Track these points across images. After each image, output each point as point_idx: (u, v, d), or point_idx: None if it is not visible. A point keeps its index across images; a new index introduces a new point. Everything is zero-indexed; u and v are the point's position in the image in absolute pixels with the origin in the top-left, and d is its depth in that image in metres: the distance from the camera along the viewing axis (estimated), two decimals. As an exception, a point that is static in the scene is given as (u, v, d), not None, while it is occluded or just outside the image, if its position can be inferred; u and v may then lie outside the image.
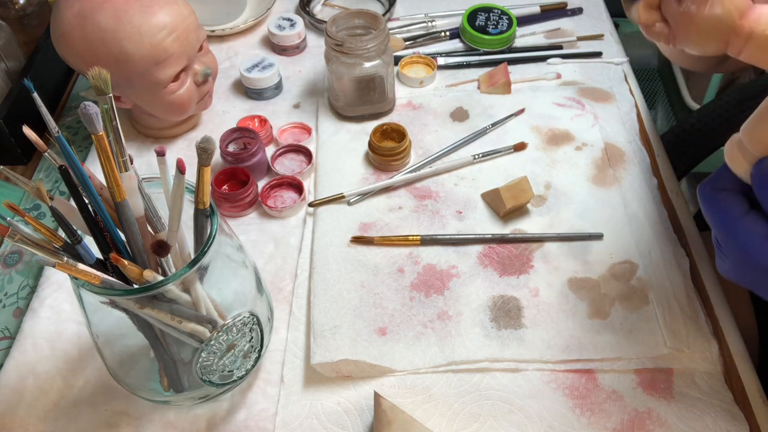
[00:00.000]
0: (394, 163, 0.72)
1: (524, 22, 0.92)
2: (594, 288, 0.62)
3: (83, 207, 0.43)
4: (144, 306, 0.44)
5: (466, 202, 0.70)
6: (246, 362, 0.52)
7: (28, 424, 0.56)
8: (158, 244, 0.43)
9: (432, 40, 0.90)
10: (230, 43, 0.92)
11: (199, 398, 0.53)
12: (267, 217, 0.71)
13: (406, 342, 0.59)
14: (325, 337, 0.58)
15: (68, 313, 0.63)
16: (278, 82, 0.83)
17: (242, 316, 0.49)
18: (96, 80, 0.42)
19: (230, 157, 0.71)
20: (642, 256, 0.64)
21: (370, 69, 0.75)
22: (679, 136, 0.94)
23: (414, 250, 0.66)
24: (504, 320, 0.60)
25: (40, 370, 0.59)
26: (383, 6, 0.95)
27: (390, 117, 0.79)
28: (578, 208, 0.68)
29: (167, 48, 0.68)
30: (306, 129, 0.79)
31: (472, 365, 0.57)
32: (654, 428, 0.53)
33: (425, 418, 0.54)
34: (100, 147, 0.42)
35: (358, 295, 0.62)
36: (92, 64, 0.44)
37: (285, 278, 0.65)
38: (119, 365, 0.51)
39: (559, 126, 0.76)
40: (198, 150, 0.43)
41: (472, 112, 0.79)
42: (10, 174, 0.43)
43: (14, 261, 0.69)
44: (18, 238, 0.39)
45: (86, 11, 0.66)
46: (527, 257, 0.65)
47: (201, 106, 0.77)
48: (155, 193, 0.47)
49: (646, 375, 0.56)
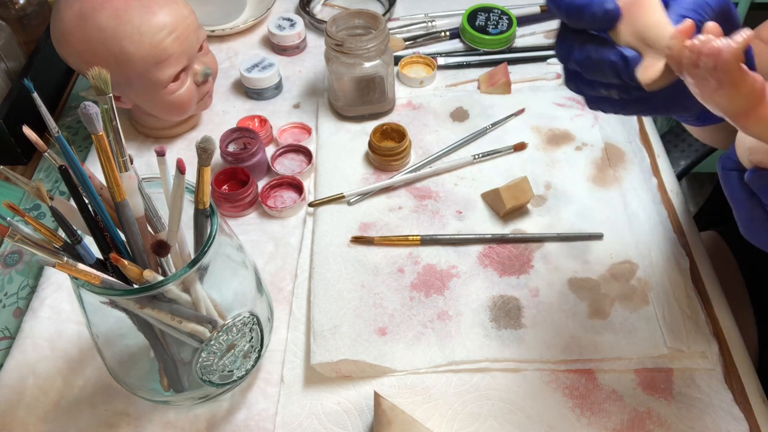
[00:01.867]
0: (394, 163, 0.72)
1: (524, 22, 0.91)
2: (594, 288, 0.62)
3: (83, 207, 0.43)
4: (144, 306, 0.44)
5: (466, 202, 0.70)
6: (246, 362, 0.52)
7: (28, 424, 0.56)
8: (158, 244, 0.43)
9: (432, 40, 0.90)
10: (230, 43, 0.92)
11: (199, 398, 0.53)
12: (267, 217, 0.71)
13: (406, 342, 0.59)
14: (325, 337, 0.58)
15: (68, 313, 0.63)
16: (278, 82, 0.83)
17: (242, 316, 0.49)
18: (96, 80, 0.42)
19: (230, 157, 0.71)
20: (642, 256, 0.64)
21: (370, 69, 0.75)
22: (679, 136, 0.94)
23: (414, 250, 0.66)
24: (504, 320, 0.60)
25: (40, 370, 0.59)
26: (383, 6, 0.95)
27: (390, 117, 0.79)
28: (578, 208, 0.68)
29: (167, 48, 0.68)
30: (306, 129, 0.79)
31: (472, 365, 0.57)
32: (654, 428, 0.53)
33: (425, 418, 0.54)
34: (100, 147, 0.42)
35: (358, 295, 0.62)
36: (92, 64, 0.44)
37: (285, 278, 0.65)
38: (119, 365, 0.51)
39: (559, 126, 0.76)
40: (198, 150, 0.43)
41: (472, 112, 0.79)
42: (10, 174, 0.43)
43: (14, 261, 0.69)
44: (18, 238, 0.39)
45: (86, 11, 0.66)
46: (527, 257, 0.65)
47: (201, 106, 0.77)
48: (155, 193, 0.47)
49: (646, 375, 0.56)
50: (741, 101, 0.35)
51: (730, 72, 0.33)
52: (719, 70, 0.33)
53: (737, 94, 0.34)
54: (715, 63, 0.34)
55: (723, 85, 0.34)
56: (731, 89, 0.34)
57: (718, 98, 0.35)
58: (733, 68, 0.33)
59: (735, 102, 0.35)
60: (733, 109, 0.35)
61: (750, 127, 0.36)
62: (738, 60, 0.33)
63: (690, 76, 0.35)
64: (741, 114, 0.35)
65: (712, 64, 0.34)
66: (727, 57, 0.33)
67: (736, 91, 0.34)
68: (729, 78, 0.33)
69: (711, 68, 0.34)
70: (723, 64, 0.33)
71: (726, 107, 0.35)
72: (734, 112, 0.35)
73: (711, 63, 0.34)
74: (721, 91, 0.34)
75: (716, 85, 0.34)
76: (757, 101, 0.35)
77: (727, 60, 0.33)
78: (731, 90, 0.34)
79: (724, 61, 0.33)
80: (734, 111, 0.35)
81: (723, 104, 0.35)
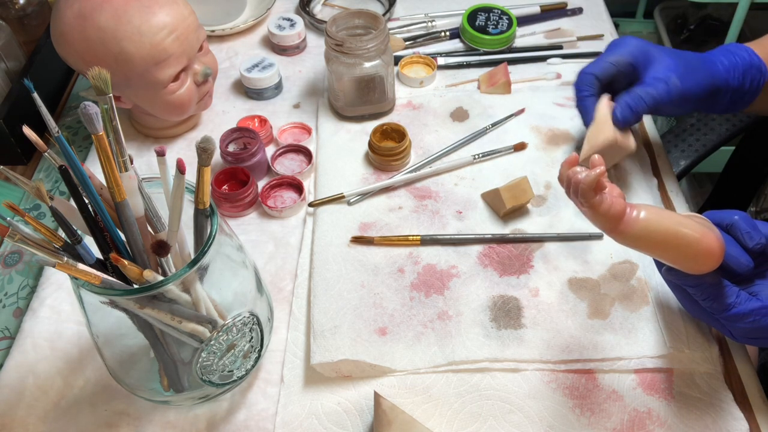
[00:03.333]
0: (394, 163, 0.72)
1: (524, 22, 0.92)
2: (594, 288, 0.62)
3: (83, 207, 0.43)
4: (144, 306, 0.44)
5: (466, 202, 0.70)
6: (246, 362, 0.52)
7: (28, 424, 0.56)
8: (158, 244, 0.43)
9: (432, 40, 0.90)
10: (230, 43, 0.92)
11: (199, 398, 0.53)
12: (267, 217, 0.71)
13: (406, 342, 0.59)
14: (325, 337, 0.58)
15: (68, 313, 0.63)
16: (278, 82, 0.83)
17: (242, 316, 0.49)
18: (96, 80, 0.42)
19: (230, 157, 0.71)
20: (642, 256, 0.64)
21: (370, 69, 0.75)
22: (679, 136, 0.94)
23: (414, 250, 0.66)
24: (504, 320, 0.60)
25: (40, 370, 0.59)
26: (383, 6, 0.95)
27: (390, 117, 0.79)
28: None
29: (167, 48, 0.68)
30: (306, 129, 0.79)
31: (472, 365, 0.57)
32: (654, 428, 0.53)
33: (425, 418, 0.54)
34: (100, 147, 0.42)
35: (358, 295, 0.62)
36: (92, 64, 0.44)
37: (285, 278, 0.65)
38: (119, 365, 0.51)
39: (559, 126, 0.76)
40: (198, 150, 0.43)
41: (472, 112, 0.79)
42: (10, 174, 0.43)
43: (14, 261, 0.69)
44: (18, 238, 0.39)
45: (86, 11, 0.66)
46: (527, 257, 0.65)
47: (201, 106, 0.77)
48: (155, 193, 0.47)
49: (646, 375, 0.56)
50: (602, 219, 0.45)
51: (586, 196, 0.44)
52: (580, 194, 0.44)
53: (597, 214, 0.44)
54: (575, 189, 0.44)
55: (584, 206, 0.45)
56: (591, 210, 0.44)
57: (587, 216, 0.45)
58: (587, 194, 0.44)
59: (598, 220, 0.45)
60: (600, 226, 0.45)
61: (619, 241, 0.46)
62: (590, 187, 0.43)
63: (569, 197, 0.46)
64: (608, 230, 0.45)
65: (576, 189, 0.44)
66: (584, 184, 0.43)
67: (596, 211, 0.44)
68: (588, 201, 0.44)
69: (576, 192, 0.44)
70: (581, 190, 0.44)
71: (595, 224, 0.45)
72: (602, 227, 0.45)
73: (576, 189, 0.44)
74: (586, 211, 0.45)
75: (581, 205, 0.45)
76: (616, 221, 0.44)
77: (583, 187, 0.43)
78: (592, 210, 0.44)
79: (582, 188, 0.44)
80: (602, 227, 0.45)
81: (591, 220, 0.45)
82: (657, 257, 0.48)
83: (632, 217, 0.45)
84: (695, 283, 0.48)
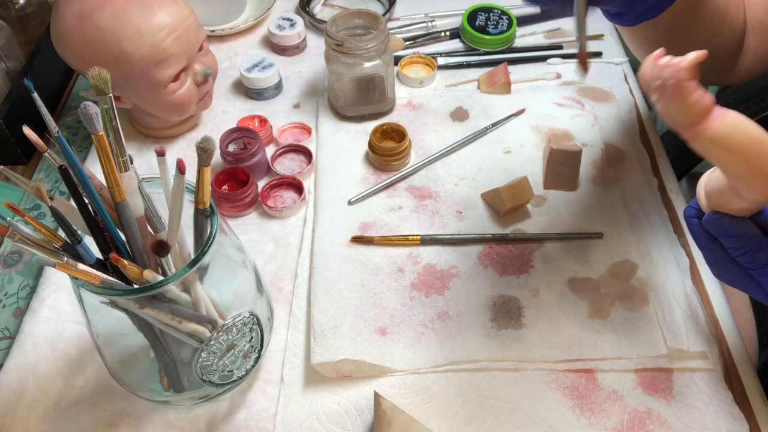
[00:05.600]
0: (394, 163, 0.72)
1: (524, 22, 0.91)
2: (594, 288, 0.62)
3: (83, 207, 0.43)
4: (144, 306, 0.44)
5: (466, 202, 0.70)
6: (246, 362, 0.52)
7: (28, 424, 0.56)
8: (158, 244, 0.43)
9: (432, 40, 0.90)
10: (230, 43, 0.92)
11: (199, 398, 0.53)
12: (267, 217, 0.71)
13: (406, 342, 0.59)
14: (325, 337, 0.58)
15: (68, 313, 0.63)
16: (278, 82, 0.83)
17: (242, 316, 0.50)
18: (96, 80, 0.42)
19: (230, 157, 0.71)
20: (642, 256, 0.64)
21: (370, 69, 0.75)
22: (679, 135, 0.94)
23: (414, 250, 0.66)
24: (504, 320, 0.60)
25: (40, 370, 0.59)
26: (383, 6, 0.95)
27: (390, 117, 0.79)
28: (578, 208, 0.68)
29: (167, 48, 0.68)
30: (306, 129, 0.79)
31: (472, 365, 0.57)
32: (654, 428, 0.53)
33: (425, 418, 0.54)
34: (100, 147, 0.42)
35: (358, 294, 0.62)
36: (92, 64, 0.44)
37: (285, 278, 0.65)
38: (119, 365, 0.51)
39: (559, 126, 0.76)
40: (198, 150, 0.43)
41: (472, 112, 0.79)
42: (10, 174, 0.43)
43: (14, 261, 0.69)
44: (18, 238, 0.39)
45: (86, 11, 0.66)
46: (527, 257, 0.65)
47: (201, 106, 0.77)
48: (155, 193, 0.47)
49: (646, 375, 0.56)
50: (688, 112, 0.41)
51: (683, 77, 0.40)
52: (674, 79, 0.40)
53: (685, 103, 0.40)
54: (672, 73, 0.40)
55: (675, 95, 0.40)
56: (682, 97, 0.40)
57: (670, 110, 0.41)
58: (685, 75, 0.40)
59: (684, 112, 0.41)
60: (683, 119, 0.41)
61: (695, 141, 0.42)
62: (689, 72, 0.40)
63: (649, 93, 0.42)
64: (689, 125, 0.42)
65: (670, 73, 0.40)
66: (687, 62, 0.40)
67: (686, 98, 0.40)
68: (682, 84, 0.40)
69: (669, 78, 0.40)
70: (677, 72, 0.40)
71: (676, 116, 0.41)
72: (684, 121, 0.41)
73: (669, 73, 0.40)
74: (673, 100, 0.41)
75: (672, 93, 0.41)
76: (702, 115, 0.41)
77: (685, 65, 0.40)
78: (683, 97, 0.40)
79: (683, 66, 0.40)
80: (684, 120, 0.41)
81: (674, 113, 0.41)
82: (727, 164, 0.44)
83: (720, 113, 0.41)
84: (740, 231, 0.45)
